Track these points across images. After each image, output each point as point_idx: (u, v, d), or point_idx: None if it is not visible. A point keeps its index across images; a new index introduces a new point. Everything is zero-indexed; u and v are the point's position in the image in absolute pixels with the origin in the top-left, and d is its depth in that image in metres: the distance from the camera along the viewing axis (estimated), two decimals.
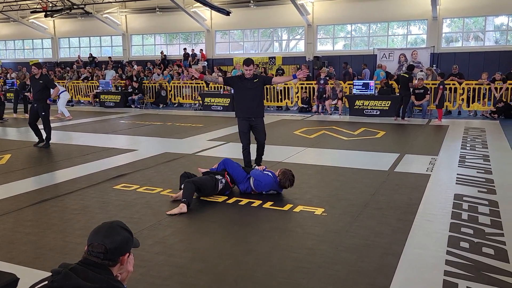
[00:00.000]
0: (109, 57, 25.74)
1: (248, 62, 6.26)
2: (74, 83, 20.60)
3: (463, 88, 14.01)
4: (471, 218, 4.51)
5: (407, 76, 13.12)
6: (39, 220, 4.66)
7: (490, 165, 6.95)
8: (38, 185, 6.07)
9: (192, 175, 5.47)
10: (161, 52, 24.50)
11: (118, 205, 5.08)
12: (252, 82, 6.31)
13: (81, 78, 21.19)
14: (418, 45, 20.79)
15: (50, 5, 23.88)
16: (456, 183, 5.89)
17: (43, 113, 9.04)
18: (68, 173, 6.72)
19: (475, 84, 13.95)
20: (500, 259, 3.58)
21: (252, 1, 22.39)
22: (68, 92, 17.05)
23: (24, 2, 24.90)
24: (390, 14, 20.62)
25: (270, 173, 5.48)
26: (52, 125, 9.45)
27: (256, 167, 5.88)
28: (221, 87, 17.14)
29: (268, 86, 12.95)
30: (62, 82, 17.69)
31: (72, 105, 17.36)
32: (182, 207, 4.80)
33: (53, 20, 28.27)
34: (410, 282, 3.24)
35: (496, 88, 13.50)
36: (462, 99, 14.07)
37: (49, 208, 5.05)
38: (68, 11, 23.76)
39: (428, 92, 13.53)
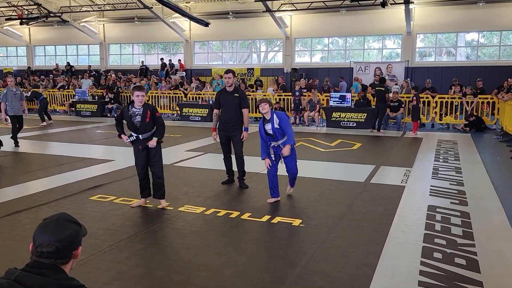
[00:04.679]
0: (89, 66, 25.41)
1: (227, 70, 6.52)
2: (50, 91, 20.24)
3: (436, 102, 14.40)
4: (444, 229, 4.63)
5: (383, 89, 13.41)
6: (12, 232, 4.56)
7: (462, 177, 7.15)
8: (11, 196, 5.92)
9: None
10: (142, 62, 24.34)
11: (94, 217, 5.01)
12: (232, 95, 6.43)
13: (57, 87, 20.85)
14: (393, 59, 21.28)
15: (26, 12, 23.49)
16: (430, 195, 6.03)
17: None
18: (43, 184, 6.59)
19: (448, 97, 14.36)
20: (472, 269, 3.68)
21: (231, 13, 22.54)
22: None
23: None
24: (366, 28, 21.07)
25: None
26: (28, 133, 9.28)
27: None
28: (199, 97, 17.15)
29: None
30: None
31: None
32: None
33: (29, 28, 27.77)
34: None
35: (467, 102, 13.92)
36: (435, 112, 14.45)
37: (23, 219, 4.94)
38: (45, 19, 23.40)
39: (403, 105, 13.86)
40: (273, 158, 5.75)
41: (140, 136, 5.24)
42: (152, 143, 5.26)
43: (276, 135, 5.65)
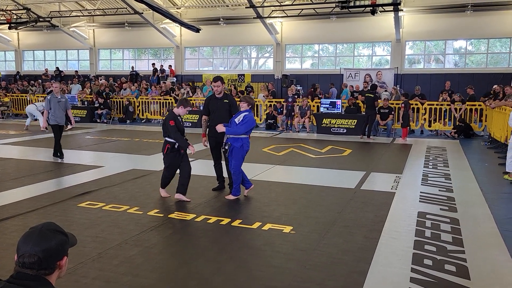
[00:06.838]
0: (76, 71, 25.25)
1: (216, 78, 6.55)
2: (38, 96, 20.04)
3: (425, 108, 14.54)
4: (434, 236, 4.65)
5: (373, 96, 13.49)
6: None
7: (451, 183, 7.20)
8: None
9: None
10: (132, 67, 24.25)
11: (82, 224, 4.94)
12: (222, 101, 6.45)
13: (46, 92, 20.64)
14: (383, 65, 21.48)
15: (15, 17, 23.30)
16: (420, 201, 6.06)
17: None
18: (30, 191, 6.50)
19: (436, 104, 14.50)
20: (462, 275, 3.69)
21: (222, 19, 22.60)
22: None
23: None
24: (356, 35, 21.26)
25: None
26: (15, 139, 9.14)
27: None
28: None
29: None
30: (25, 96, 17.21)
31: (36, 119, 16.82)
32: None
33: (17, 32, 27.56)
34: None
35: (456, 109, 14.06)
36: (424, 119, 14.57)
37: (9, 227, 4.86)
38: (34, 23, 23.24)
39: (392, 112, 13.97)
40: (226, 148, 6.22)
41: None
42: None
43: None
